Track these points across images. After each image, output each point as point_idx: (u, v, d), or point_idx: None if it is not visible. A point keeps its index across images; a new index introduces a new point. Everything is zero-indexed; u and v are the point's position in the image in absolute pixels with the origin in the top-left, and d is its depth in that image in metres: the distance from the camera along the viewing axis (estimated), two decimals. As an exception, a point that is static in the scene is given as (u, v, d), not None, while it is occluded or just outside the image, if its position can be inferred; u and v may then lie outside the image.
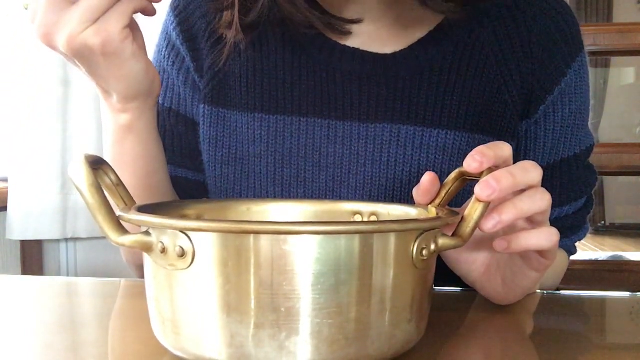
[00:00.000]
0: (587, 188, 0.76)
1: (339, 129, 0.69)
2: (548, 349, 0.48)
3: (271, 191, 0.70)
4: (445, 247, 0.43)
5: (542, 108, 0.71)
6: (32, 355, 0.48)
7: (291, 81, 0.70)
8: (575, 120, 0.73)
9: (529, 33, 0.70)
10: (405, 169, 0.68)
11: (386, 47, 0.70)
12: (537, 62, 0.70)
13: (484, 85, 0.69)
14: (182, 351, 0.41)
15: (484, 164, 0.46)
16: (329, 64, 0.70)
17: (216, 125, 0.72)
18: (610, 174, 1.03)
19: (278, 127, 0.70)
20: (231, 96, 0.72)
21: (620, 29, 1.31)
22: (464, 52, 0.69)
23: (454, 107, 0.68)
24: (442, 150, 0.68)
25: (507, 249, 0.48)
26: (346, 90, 0.69)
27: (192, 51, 0.74)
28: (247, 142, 0.71)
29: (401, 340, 0.41)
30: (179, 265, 0.39)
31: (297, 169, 0.70)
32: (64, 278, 1.52)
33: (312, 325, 0.38)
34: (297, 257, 0.37)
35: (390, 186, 0.68)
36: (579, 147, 0.74)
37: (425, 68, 0.69)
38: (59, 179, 1.61)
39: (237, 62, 0.72)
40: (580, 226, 0.77)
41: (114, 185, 0.47)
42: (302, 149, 0.70)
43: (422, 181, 0.50)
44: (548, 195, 0.49)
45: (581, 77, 0.72)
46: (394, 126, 0.68)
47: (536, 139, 0.72)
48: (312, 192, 0.70)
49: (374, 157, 0.69)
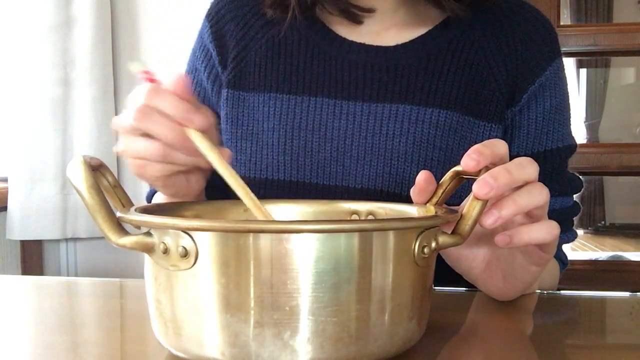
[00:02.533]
0: (572, 187, 0.80)
1: (344, 107, 0.77)
2: (548, 349, 0.48)
3: (281, 161, 0.78)
4: (446, 244, 0.44)
5: (525, 97, 0.78)
6: (32, 355, 0.48)
7: (303, 67, 0.79)
8: (556, 115, 0.79)
9: (513, 34, 0.79)
10: (402, 141, 0.75)
11: (389, 44, 0.78)
12: (520, 58, 0.78)
13: (473, 73, 0.77)
14: (184, 352, 0.41)
15: (481, 163, 0.47)
16: (338, 55, 0.79)
17: (237, 106, 0.81)
18: (610, 174, 1.04)
19: (290, 105, 0.79)
20: (250, 80, 0.81)
21: (620, 29, 1.31)
22: (457, 47, 0.78)
23: (446, 90, 0.76)
24: (435, 127, 0.75)
25: (509, 244, 0.49)
26: (352, 76, 0.78)
27: (219, 47, 0.84)
28: (262, 119, 0.79)
29: (403, 337, 0.42)
30: (181, 266, 0.39)
31: (305, 140, 0.77)
32: (64, 278, 1.52)
33: (316, 324, 0.38)
34: (301, 256, 0.37)
35: (388, 156, 0.75)
36: (561, 142, 0.79)
37: (422, 58, 0.78)
38: (59, 179, 1.60)
39: (258, 54, 0.81)
40: (567, 228, 0.79)
41: (111, 187, 0.47)
42: (310, 123, 0.78)
43: (417, 180, 0.51)
44: (546, 189, 0.49)
45: (559, 78, 0.80)
46: (393, 105, 0.76)
47: (520, 127, 0.78)
48: (318, 162, 0.77)
49: (374, 130, 0.76)
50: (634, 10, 5.05)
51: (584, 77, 4.91)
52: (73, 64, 1.59)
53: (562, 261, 0.81)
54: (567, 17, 4.85)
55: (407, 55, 0.78)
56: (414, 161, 0.74)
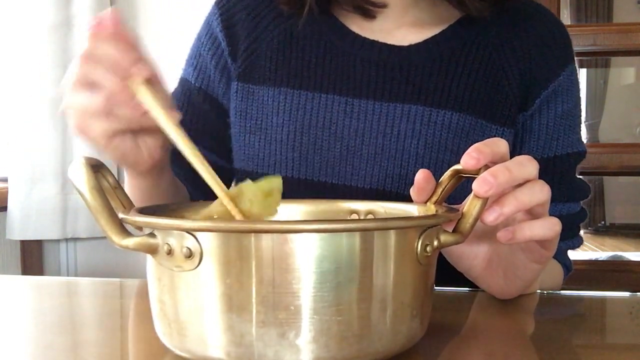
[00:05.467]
0: (580, 194, 0.79)
1: (355, 105, 0.76)
2: (548, 349, 0.49)
3: (290, 157, 0.77)
4: (447, 243, 0.44)
5: (537, 101, 0.77)
6: (32, 355, 0.48)
7: (315, 62, 0.78)
8: (567, 121, 0.78)
9: (527, 38, 0.78)
10: (414, 143, 0.74)
11: (403, 42, 0.78)
12: (534, 62, 0.77)
13: (487, 76, 0.76)
14: (188, 352, 0.41)
15: (481, 161, 0.47)
16: (350, 51, 0.78)
17: (246, 99, 0.80)
18: (610, 174, 1.04)
19: (300, 101, 0.77)
20: (261, 74, 0.79)
21: (620, 29, 1.31)
22: (470, 49, 0.77)
23: (459, 92, 0.75)
24: (447, 129, 0.74)
25: (512, 239, 0.49)
26: (364, 74, 0.77)
27: (229, 37, 0.82)
28: (272, 114, 0.78)
29: (407, 335, 0.42)
30: (185, 267, 0.39)
31: (315, 138, 0.76)
32: (64, 278, 1.52)
33: (320, 323, 0.38)
34: (305, 256, 0.37)
35: (399, 157, 0.74)
36: (571, 148, 0.79)
37: (436, 59, 0.77)
38: (59, 179, 1.60)
39: (270, 47, 0.80)
40: (574, 234, 0.79)
41: (112, 188, 0.47)
42: (320, 120, 0.76)
43: (416, 179, 0.51)
44: (547, 187, 0.49)
45: (572, 84, 0.79)
46: (405, 105, 0.75)
47: (531, 132, 0.78)
48: (327, 160, 0.76)
49: (385, 130, 0.75)
50: (634, 10, 5.05)
51: (584, 77, 4.92)
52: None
53: (567, 267, 0.80)
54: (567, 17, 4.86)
55: (420, 55, 0.77)
56: (424, 163, 0.74)
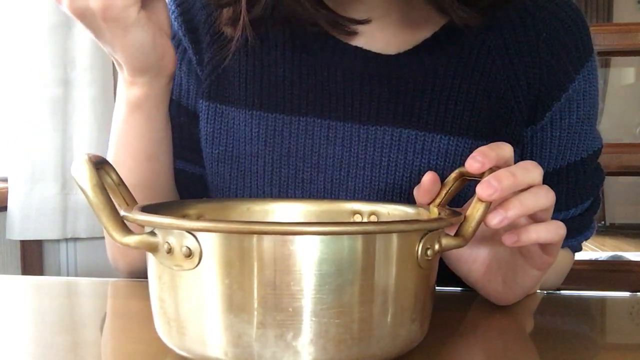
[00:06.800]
0: (594, 190, 0.75)
1: (338, 130, 0.67)
2: (548, 349, 0.48)
3: (268, 192, 0.69)
4: (449, 246, 0.44)
5: (548, 115, 0.69)
6: (32, 355, 0.48)
7: (291, 79, 0.68)
8: (583, 126, 0.71)
9: (537, 37, 0.68)
10: (406, 174, 0.66)
11: (390, 47, 0.68)
12: (545, 67, 0.68)
13: (489, 90, 0.67)
14: (187, 351, 0.41)
15: (486, 165, 0.47)
16: (331, 62, 0.68)
17: (213, 121, 0.71)
18: (610, 174, 1.03)
19: (276, 126, 0.68)
20: (230, 92, 0.70)
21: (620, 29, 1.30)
22: (470, 55, 0.67)
23: (457, 112, 0.66)
24: (443, 156, 0.66)
25: (517, 242, 0.48)
26: (347, 89, 0.67)
27: (194, 43, 0.72)
28: (244, 140, 0.69)
29: (406, 339, 0.42)
30: (185, 266, 0.39)
31: (295, 169, 0.68)
32: (64, 278, 1.51)
33: (319, 325, 0.38)
34: (305, 258, 0.37)
35: (389, 191, 0.67)
36: (585, 151, 0.72)
37: (429, 71, 0.67)
38: (59, 179, 1.60)
39: (237, 58, 0.70)
40: (587, 226, 0.76)
41: (115, 185, 0.47)
42: (300, 149, 0.68)
43: (423, 181, 0.51)
44: (552, 192, 0.49)
45: (590, 82, 0.70)
46: (395, 129, 0.66)
47: (542, 146, 0.71)
48: (309, 194, 0.68)
49: (373, 160, 0.67)
50: (634, 10, 5.05)
51: (583, 77, 4.91)
52: (73, 64, 1.59)
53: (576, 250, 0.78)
54: (567, 17, 4.85)
55: (411, 67, 0.67)
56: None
